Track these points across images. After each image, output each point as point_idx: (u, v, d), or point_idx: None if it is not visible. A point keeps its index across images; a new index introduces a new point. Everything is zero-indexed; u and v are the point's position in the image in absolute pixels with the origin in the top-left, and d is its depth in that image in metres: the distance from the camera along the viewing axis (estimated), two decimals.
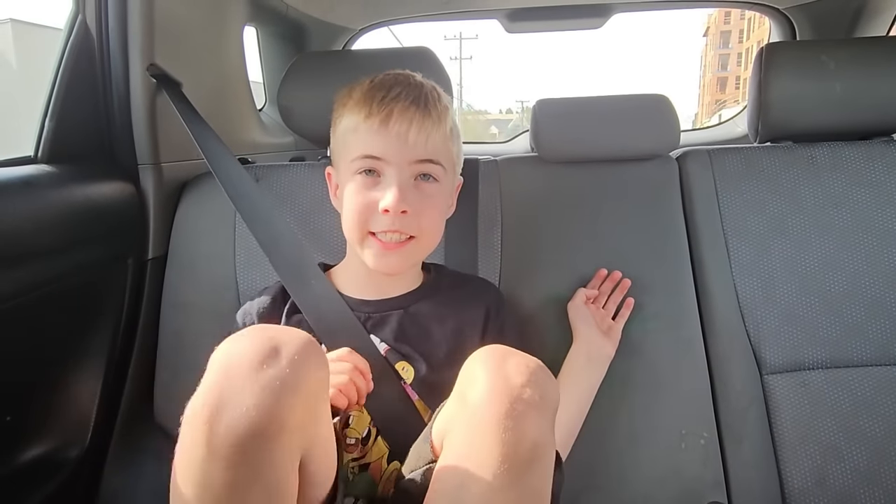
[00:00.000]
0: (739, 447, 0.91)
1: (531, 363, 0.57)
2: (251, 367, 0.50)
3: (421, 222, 0.74)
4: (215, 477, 0.49)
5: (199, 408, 0.49)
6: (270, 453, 0.50)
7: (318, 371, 0.54)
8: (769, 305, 0.95)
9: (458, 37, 30.47)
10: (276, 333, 0.53)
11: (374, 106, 0.71)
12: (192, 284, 1.00)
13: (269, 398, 0.49)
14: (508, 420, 0.52)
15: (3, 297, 0.75)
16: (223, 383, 0.50)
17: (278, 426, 0.49)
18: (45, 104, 0.89)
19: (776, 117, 1.03)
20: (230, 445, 0.48)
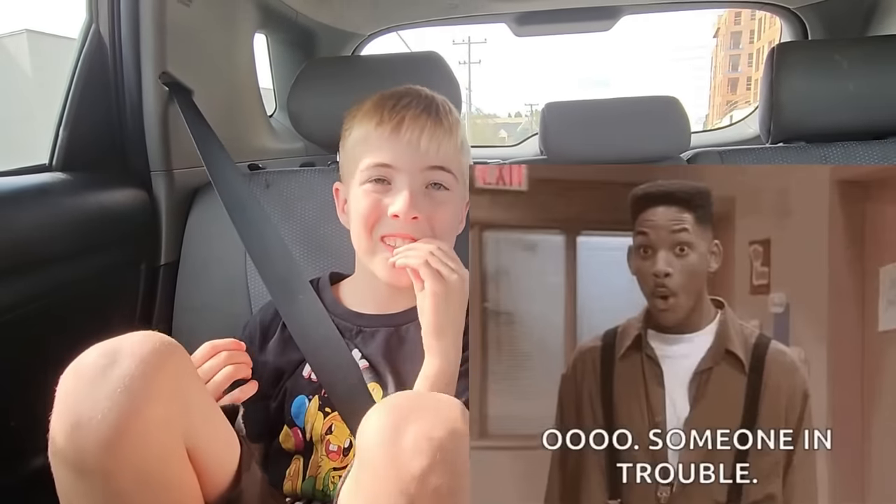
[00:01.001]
0: None
1: (436, 431, 0.44)
2: (94, 375, 0.49)
3: (434, 228, 0.72)
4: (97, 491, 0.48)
5: (57, 432, 0.48)
6: (148, 452, 0.49)
7: (172, 360, 0.52)
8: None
9: (466, 41, 30.56)
10: (113, 341, 0.52)
11: (385, 114, 0.71)
12: (204, 289, 1.01)
13: (121, 397, 0.47)
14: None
15: (18, 302, 0.76)
16: (72, 401, 0.48)
17: (143, 423, 0.48)
18: (59, 112, 0.90)
19: (789, 118, 1.02)
20: (101, 456, 0.47)
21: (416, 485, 0.42)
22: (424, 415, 0.45)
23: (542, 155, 1.09)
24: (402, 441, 0.43)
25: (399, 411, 0.46)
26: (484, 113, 64.11)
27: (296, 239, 0.99)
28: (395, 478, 0.43)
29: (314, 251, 0.99)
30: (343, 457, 0.73)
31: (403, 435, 0.44)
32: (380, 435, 0.45)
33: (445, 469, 0.42)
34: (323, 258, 0.98)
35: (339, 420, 0.73)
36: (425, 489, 0.42)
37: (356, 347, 0.77)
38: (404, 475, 0.42)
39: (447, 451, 0.43)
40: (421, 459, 0.42)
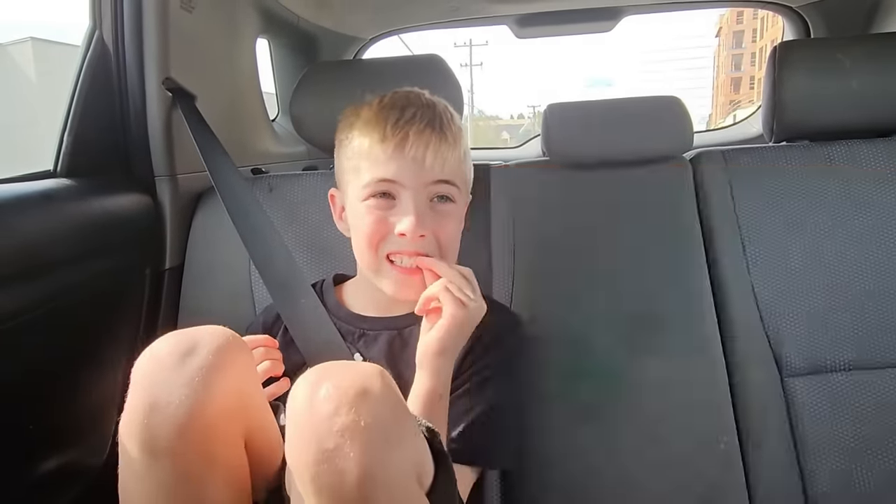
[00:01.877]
0: (760, 451, 0.89)
1: (344, 381, 0.47)
2: (173, 364, 0.52)
3: (440, 241, 0.72)
4: (165, 472, 0.51)
5: (131, 415, 0.51)
6: (215, 440, 0.52)
7: (241, 356, 0.56)
8: (789, 306, 0.94)
9: (468, 44, 30.57)
10: (191, 331, 0.55)
11: (389, 129, 0.68)
12: (209, 294, 1.01)
13: (198, 387, 0.51)
14: (321, 465, 0.45)
15: (25, 307, 0.76)
16: (150, 386, 0.52)
17: (216, 412, 0.52)
18: (63, 119, 0.91)
19: (791, 116, 1.01)
20: (173, 438, 0.50)
21: (324, 425, 0.46)
22: (339, 372, 0.50)
23: (544, 156, 1.09)
24: (318, 393, 0.47)
25: (317, 372, 0.50)
26: (486, 115, 64.09)
27: (299, 243, 1.00)
28: (309, 422, 0.46)
29: (317, 255, 0.99)
30: None
31: (320, 388, 0.48)
32: (301, 393, 0.48)
33: (351, 410, 0.46)
34: (326, 261, 0.98)
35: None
36: (332, 428, 0.45)
37: (358, 351, 0.77)
38: (315, 418, 0.46)
39: (351, 396, 0.47)
40: (329, 403, 0.46)
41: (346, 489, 0.45)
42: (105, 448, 0.92)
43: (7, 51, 9.64)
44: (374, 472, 0.45)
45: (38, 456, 0.82)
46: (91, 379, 0.90)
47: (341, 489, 0.45)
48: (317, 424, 0.46)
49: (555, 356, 0.93)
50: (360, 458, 0.45)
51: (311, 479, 0.45)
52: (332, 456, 0.45)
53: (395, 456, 0.47)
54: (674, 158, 1.05)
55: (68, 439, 0.87)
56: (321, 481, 0.45)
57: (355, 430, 0.45)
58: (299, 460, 0.46)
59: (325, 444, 0.45)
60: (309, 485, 0.46)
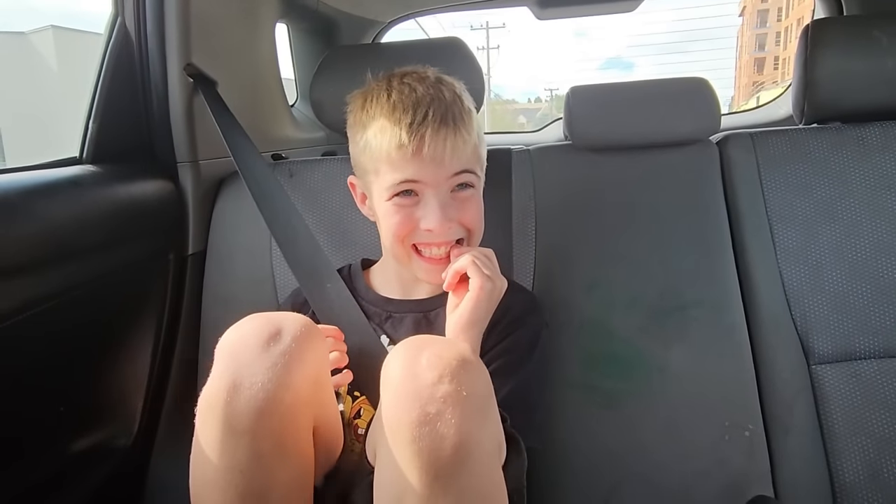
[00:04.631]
0: (786, 439, 0.88)
1: (446, 352, 0.51)
2: (258, 347, 0.54)
3: (465, 225, 0.74)
4: (241, 451, 0.53)
5: (214, 392, 0.54)
6: (290, 424, 0.55)
7: (319, 345, 0.58)
8: (818, 293, 0.92)
9: (484, 26, 30.19)
10: (276, 316, 0.57)
11: (405, 134, 0.68)
12: (231, 278, 1.02)
13: (280, 372, 0.53)
14: (423, 427, 0.47)
15: (55, 292, 0.78)
16: (234, 366, 0.54)
17: (293, 398, 0.54)
18: (88, 106, 0.92)
19: (823, 97, 0.98)
20: (253, 420, 0.52)
21: (428, 391, 0.48)
22: (436, 343, 0.53)
23: (566, 140, 1.08)
24: (419, 361, 0.50)
25: (415, 342, 0.53)
26: (503, 98, 63.52)
27: (321, 227, 1.00)
28: (412, 389, 0.49)
29: (339, 239, 1.00)
30: None
31: (420, 357, 0.51)
32: (400, 360, 0.51)
33: (454, 379, 0.49)
34: (348, 246, 0.99)
35: (367, 404, 0.75)
36: (435, 394, 0.48)
37: (385, 333, 0.78)
38: (419, 385, 0.49)
39: (454, 367, 0.50)
40: (433, 371, 0.49)
41: (444, 454, 0.47)
42: (132, 429, 0.94)
43: (29, 39, 9.76)
44: (469, 441, 0.48)
45: (68, 437, 0.84)
46: (118, 362, 0.92)
47: (439, 453, 0.47)
48: (420, 389, 0.49)
49: (577, 342, 0.92)
50: (460, 425, 0.48)
51: (411, 440, 0.48)
52: (434, 420, 0.48)
53: (485, 428, 0.50)
54: (700, 142, 1.03)
55: (97, 421, 0.89)
56: (421, 444, 0.47)
57: (457, 399, 0.48)
58: (400, 421, 0.48)
59: (427, 408, 0.48)
60: (408, 446, 0.48)
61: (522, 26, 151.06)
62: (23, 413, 0.77)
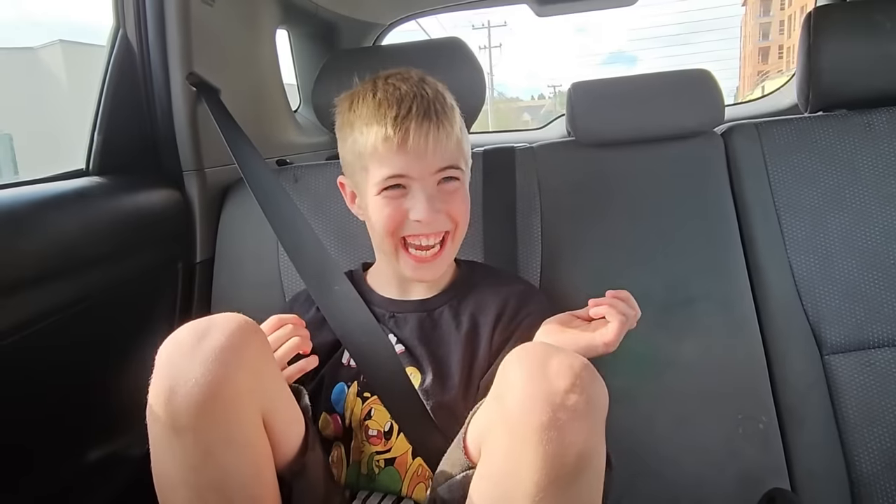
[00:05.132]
0: (801, 431, 0.87)
1: (576, 363, 0.52)
2: (190, 346, 0.55)
3: (452, 216, 0.76)
4: (188, 449, 0.54)
5: (154, 396, 0.55)
6: (233, 416, 0.55)
7: (254, 338, 0.59)
8: (828, 282, 0.91)
9: (486, 25, 30.17)
10: (207, 318, 0.58)
11: (390, 128, 0.71)
12: (240, 284, 1.03)
13: (213, 365, 0.54)
14: (551, 431, 0.48)
15: (67, 303, 0.79)
16: (170, 367, 0.55)
17: (232, 390, 0.55)
18: (92, 118, 0.92)
19: (828, 84, 0.98)
20: (193, 415, 0.53)
21: (560, 398, 0.49)
22: (561, 352, 0.54)
23: (570, 136, 1.07)
24: (549, 368, 0.51)
25: (538, 349, 0.54)
26: (506, 97, 63.45)
27: (326, 231, 1.00)
28: (543, 393, 0.50)
29: (344, 242, 1.00)
30: (384, 441, 0.74)
31: (549, 364, 0.52)
32: (527, 365, 0.52)
33: (583, 391, 0.50)
34: (353, 249, 0.99)
35: (378, 404, 0.75)
36: (567, 403, 0.49)
37: (391, 332, 0.79)
38: (551, 391, 0.50)
39: (584, 379, 0.51)
40: (564, 379, 0.50)
41: (567, 460, 0.49)
42: (146, 439, 0.94)
43: (38, 54, 9.88)
44: (591, 453, 0.50)
45: (83, 448, 0.85)
46: (129, 372, 0.93)
47: (563, 458, 0.49)
48: (552, 395, 0.50)
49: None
50: (586, 436, 0.49)
51: (538, 442, 0.49)
52: (564, 427, 0.49)
53: (602, 442, 0.52)
54: (704, 133, 1.02)
55: (111, 431, 0.89)
56: (547, 447, 0.48)
57: (586, 411, 0.50)
58: (529, 423, 0.49)
59: (559, 414, 0.49)
60: (534, 447, 0.49)
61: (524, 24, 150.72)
62: (38, 424, 0.78)
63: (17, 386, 0.74)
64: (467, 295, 0.81)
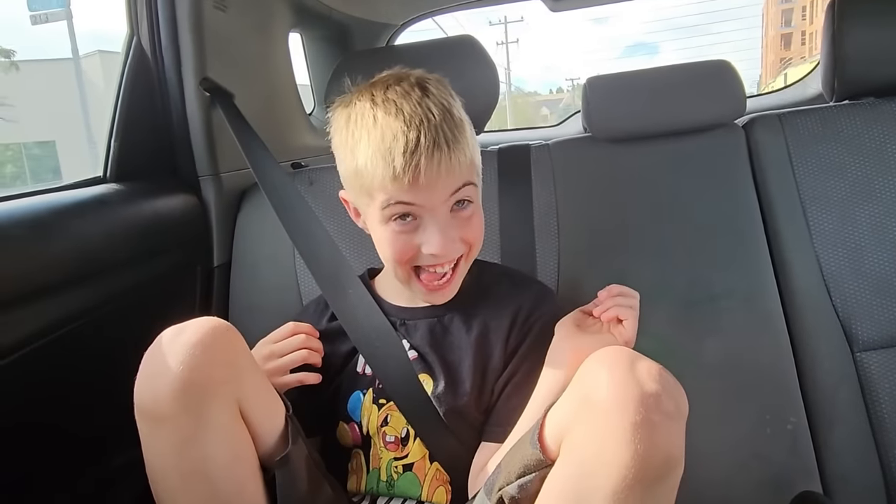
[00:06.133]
0: (832, 432, 0.84)
1: (662, 370, 0.53)
2: (167, 343, 0.60)
3: (468, 242, 0.73)
4: (170, 436, 0.59)
5: (138, 392, 0.60)
6: (208, 404, 0.59)
7: (228, 334, 0.63)
8: (858, 277, 0.88)
9: (502, 21, 30.04)
10: (185, 322, 0.63)
11: (399, 167, 0.64)
12: (257, 288, 1.03)
13: (187, 357, 0.58)
14: (643, 430, 0.49)
15: (88, 309, 0.80)
16: (149, 366, 0.60)
17: (205, 379, 0.59)
18: (109, 125, 0.94)
19: (855, 72, 0.94)
20: (171, 403, 0.58)
21: (653, 400, 0.50)
22: (645, 358, 0.54)
23: (586, 132, 1.06)
24: (638, 371, 0.52)
25: (623, 353, 0.55)
26: (524, 91, 63.11)
27: (341, 234, 1.00)
28: (637, 395, 0.50)
29: (360, 246, 0.99)
30: (401, 446, 0.74)
31: (637, 367, 0.52)
32: (613, 368, 0.53)
33: (671, 396, 0.51)
34: (368, 252, 0.98)
35: (394, 410, 0.74)
36: (659, 406, 0.50)
37: (403, 338, 0.78)
38: (645, 393, 0.50)
39: (673, 386, 0.52)
40: (655, 383, 0.51)
41: (654, 462, 0.49)
42: None
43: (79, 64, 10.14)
44: (675, 459, 0.51)
45: (105, 453, 0.86)
46: None
47: (650, 460, 0.49)
48: (646, 397, 0.50)
49: None
50: (674, 441, 0.50)
51: (630, 440, 0.49)
52: (656, 428, 0.49)
53: (683, 449, 0.52)
54: (725, 126, 1.00)
55: (131, 434, 0.90)
56: (636, 447, 0.49)
57: (676, 416, 0.51)
58: (622, 421, 0.49)
59: (653, 416, 0.49)
60: (626, 444, 0.49)
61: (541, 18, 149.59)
62: (60, 430, 0.79)
63: (39, 391, 0.75)
64: (478, 300, 0.79)
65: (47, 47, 2.95)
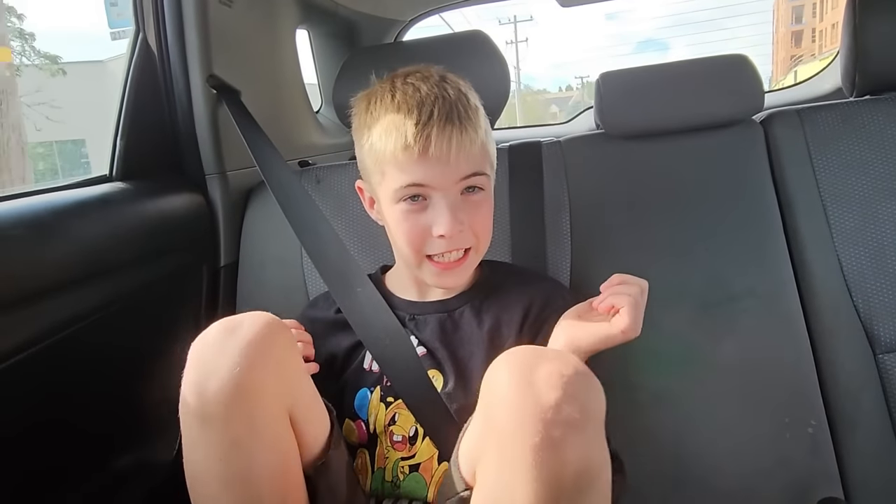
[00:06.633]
0: (854, 435, 0.82)
1: (565, 369, 0.48)
2: (219, 341, 0.57)
3: (476, 233, 0.73)
4: (217, 438, 0.56)
5: (186, 389, 0.57)
6: (260, 409, 0.57)
7: (281, 334, 0.60)
8: (881, 276, 0.85)
9: (512, 20, 29.94)
10: (236, 315, 0.60)
11: (410, 136, 0.66)
12: (264, 288, 1.02)
13: (241, 359, 0.55)
14: (545, 452, 0.45)
15: (91, 310, 0.79)
16: (200, 362, 0.57)
17: (258, 383, 0.56)
18: (115, 124, 0.92)
19: (877, 65, 0.92)
20: (222, 406, 0.55)
21: (551, 413, 0.45)
22: (549, 358, 0.50)
23: (598, 129, 1.03)
24: (536, 378, 0.47)
25: (526, 355, 0.51)
26: (533, 89, 62.99)
27: (350, 232, 0.99)
28: (533, 410, 0.46)
29: (368, 243, 0.98)
30: (409, 446, 0.73)
31: (536, 373, 0.48)
32: (514, 376, 0.48)
33: (575, 401, 0.46)
34: (377, 250, 0.97)
35: (403, 408, 0.74)
36: (559, 417, 0.45)
37: (412, 334, 0.77)
38: (542, 406, 0.46)
39: (576, 386, 0.47)
40: (555, 392, 0.46)
41: (566, 478, 0.46)
42: (175, 443, 0.94)
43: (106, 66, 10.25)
44: (592, 467, 0.47)
45: (113, 453, 0.85)
46: (156, 377, 0.92)
47: (561, 478, 0.45)
48: (543, 411, 0.46)
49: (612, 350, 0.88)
50: (584, 451, 0.46)
51: (532, 464, 0.45)
52: (559, 445, 0.45)
53: (604, 452, 0.48)
54: (743, 122, 0.97)
55: (139, 436, 0.90)
56: (544, 469, 0.45)
57: (581, 422, 0.46)
58: (521, 444, 0.46)
59: (552, 432, 0.45)
60: (529, 469, 0.46)
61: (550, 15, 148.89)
62: (67, 431, 0.78)
63: (45, 392, 0.74)
64: (489, 295, 0.78)
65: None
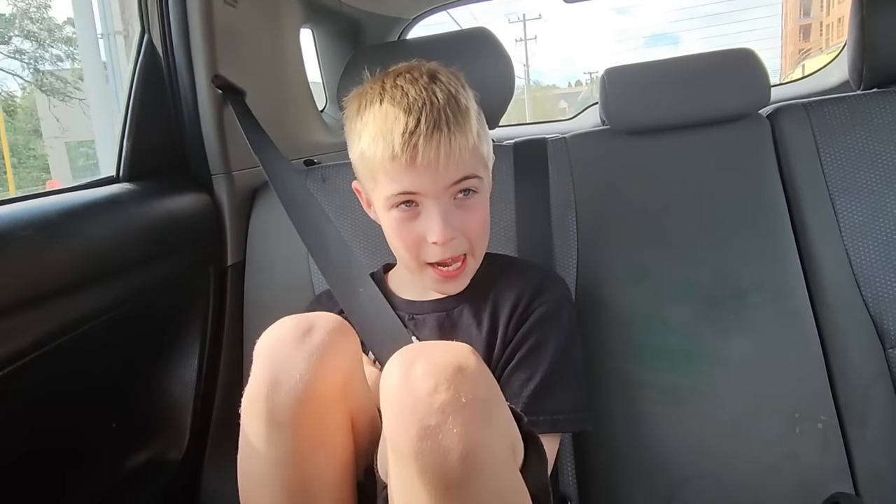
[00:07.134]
0: (864, 431, 0.81)
1: (442, 358, 0.49)
2: (294, 342, 0.56)
3: (470, 238, 0.72)
4: (283, 445, 0.55)
5: (256, 388, 0.55)
6: (327, 416, 0.56)
7: (351, 339, 0.60)
8: (890, 270, 0.85)
9: (521, 18, 29.88)
10: (309, 314, 0.60)
11: (397, 146, 0.65)
12: (271, 287, 1.02)
13: (315, 364, 0.54)
14: (423, 442, 0.45)
15: (99, 310, 0.79)
16: (273, 362, 0.56)
17: (328, 389, 0.55)
18: (121, 124, 0.93)
19: (885, 58, 0.91)
20: (293, 412, 0.54)
21: (425, 402, 0.46)
22: (431, 349, 0.51)
23: (604, 125, 1.03)
24: (414, 372, 0.48)
25: (411, 351, 0.51)
26: (542, 85, 62.80)
27: (355, 231, 0.99)
28: (408, 403, 0.47)
29: (373, 243, 0.98)
30: None
31: (414, 367, 0.49)
32: (396, 373, 0.49)
33: (451, 386, 0.47)
34: (381, 249, 0.96)
35: None
36: (433, 406, 0.46)
37: (412, 334, 0.77)
38: (416, 398, 0.47)
39: (450, 373, 0.47)
40: (428, 381, 0.47)
41: (450, 466, 0.45)
42: (183, 443, 0.95)
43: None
44: (477, 449, 0.46)
45: (122, 453, 0.85)
46: (165, 376, 0.93)
47: (444, 466, 0.45)
48: (417, 402, 0.47)
49: (628, 336, 0.88)
50: (463, 434, 0.46)
51: (413, 456, 0.46)
52: (435, 433, 0.45)
53: (493, 432, 0.48)
54: (749, 116, 0.96)
55: (148, 436, 0.90)
56: (424, 459, 0.45)
57: (456, 407, 0.46)
58: (400, 438, 0.47)
59: (426, 421, 0.46)
60: (411, 463, 0.46)
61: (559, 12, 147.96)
62: (76, 431, 0.79)
63: (52, 393, 0.74)
64: (487, 292, 0.77)
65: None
